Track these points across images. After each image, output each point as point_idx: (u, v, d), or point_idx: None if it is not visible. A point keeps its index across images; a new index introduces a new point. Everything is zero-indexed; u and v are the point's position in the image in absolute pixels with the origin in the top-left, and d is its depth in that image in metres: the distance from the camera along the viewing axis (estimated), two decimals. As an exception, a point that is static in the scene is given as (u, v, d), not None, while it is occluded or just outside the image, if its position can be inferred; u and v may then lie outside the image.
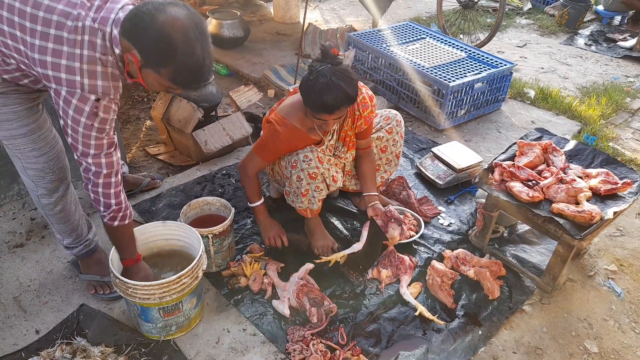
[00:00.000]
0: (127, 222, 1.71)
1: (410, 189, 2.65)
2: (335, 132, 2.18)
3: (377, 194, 2.34)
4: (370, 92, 2.18)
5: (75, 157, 1.57)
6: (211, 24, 4.26)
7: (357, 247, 2.21)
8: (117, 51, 1.46)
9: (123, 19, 1.41)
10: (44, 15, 1.39)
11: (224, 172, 2.83)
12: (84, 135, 1.50)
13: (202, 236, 1.93)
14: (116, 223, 1.68)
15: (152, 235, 1.96)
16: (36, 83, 1.62)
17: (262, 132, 2.35)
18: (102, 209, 1.65)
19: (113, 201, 1.64)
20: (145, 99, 3.60)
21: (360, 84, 2.11)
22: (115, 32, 1.43)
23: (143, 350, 1.80)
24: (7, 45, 1.46)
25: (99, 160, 1.56)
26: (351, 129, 2.20)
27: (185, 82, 1.50)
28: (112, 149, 1.59)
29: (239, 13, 4.36)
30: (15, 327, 1.90)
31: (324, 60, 1.88)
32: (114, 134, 1.59)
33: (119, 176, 1.64)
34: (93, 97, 1.45)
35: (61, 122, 1.51)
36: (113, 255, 1.78)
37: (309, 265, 2.11)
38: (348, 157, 2.30)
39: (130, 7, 1.44)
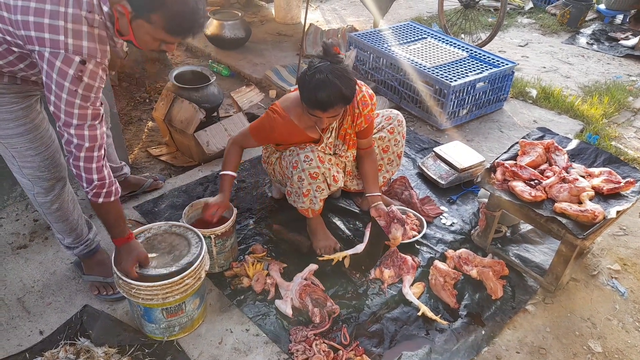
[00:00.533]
0: (112, 199, 1.63)
1: (412, 189, 2.65)
2: (334, 129, 2.18)
3: (379, 194, 2.34)
4: (370, 91, 2.18)
5: (57, 127, 1.49)
6: (212, 25, 4.27)
7: (360, 247, 2.21)
8: (105, 9, 1.40)
9: None
10: None
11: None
12: (67, 103, 1.42)
13: (204, 237, 1.93)
14: (100, 200, 1.60)
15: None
16: (32, 67, 1.56)
17: None
18: (84, 184, 1.57)
19: (95, 176, 1.56)
20: (147, 100, 3.61)
21: (360, 82, 2.11)
22: None
23: (146, 350, 1.81)
24: None
25: (82, 132, 1.48)
26: (351, 127, 2.20)
27: (179, 29, 1.43)
28: (97, 121, 1.50)
29: (240, 14, 4.36)
30: (19, 327, 1.90)
31: (325, 57, 1.88)
32: (101, 105, 1.52)
33: (103, 150, 1.56)
34: (78, 59, 1.38)
35: (45, 91, 1.43)
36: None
37: (313, 266, 2.11)
38: (349, 155, 2.30)
39: None
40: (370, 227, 2.24)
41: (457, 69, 3.43)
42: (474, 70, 3.41)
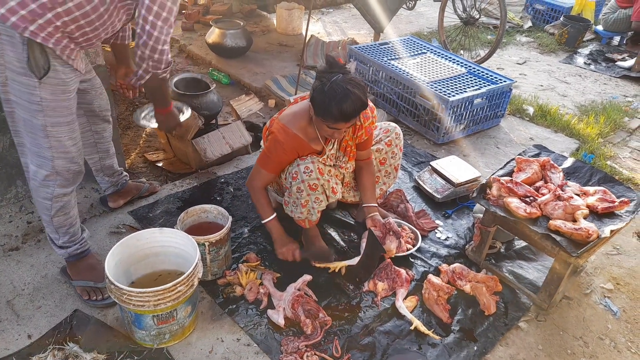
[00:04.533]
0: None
1: (408, 202, 2.65)
2: (336, 141, 2.19)
3: (376, 205, 2.35)
4: (371, 104, 2.19)
5: (149, 27, 1.68)
6: (214, 33, 4.29)
7: (357, 260, 2.21)
8: None
9: None
10: None
11: (222, 180, 2.83)
12: (168, 10, 1.67)
13: (198, 244, 1.93)
14: (169, 75, 1.90)
15: (148, 242, 1.95)
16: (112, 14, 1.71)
17: (262, 142, 2.36)
18: (163, 66, 1.83)
19: (170, 56, 1.86)
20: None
21: None
22: None
23: (136, 357, 1.79)
24: None
25: (169, 18, 1.70)
26: (352, 139, 2.21)
27: None
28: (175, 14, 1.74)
29: (242, 23, 4.39)
30: (7, 331, 1.88)
31: (332, 70, 1.89)
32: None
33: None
34: None
35: (143, 11, 1.64)
36: (109, 261, 1.77)
37: (307, 277, 2.10)
38: (349, 167, 2.30)
39: None
40: (366, 238, 2.24)
41: (456, 85, 3.45)
42: (472, 87, 3.44)
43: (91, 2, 1.59)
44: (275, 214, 2.22)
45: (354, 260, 2.20)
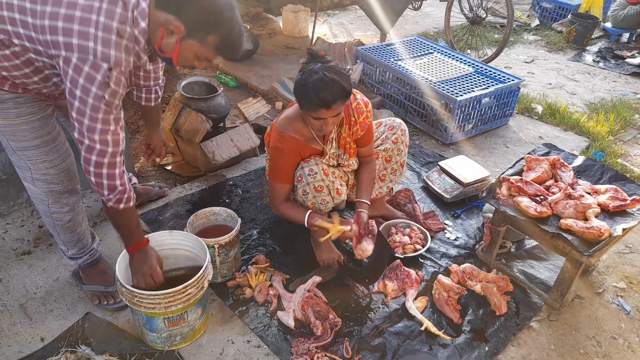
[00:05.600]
0: (131, 204, 1.64)
1: (416, 202, 2.64)
2: (334, 139, 2.18)
3: (368, 202, 2.25)
4: (365, 99, 2.18)
5: (76, 135, 1.49)
6: (221, 37, 4.31)
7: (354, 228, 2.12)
8: (142, 25, 1.45)
9: None
10: None
11: (231, 182, 2.84)
12: (92, 107, 1.43)
13: (208, 246, 1.94)
14: (122, 206, 1.60)
15: (158, 244, 1.96)
16: (46, 80, 1.58)
17: (265, 148, 2.34)
18: (106, 192, 1.56)
19: (118, 182, 1.56)
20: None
21: (355, 90, 2.12)
22: (144, 4, 1.43)
23: (147, 360, 1.80)
24: (14, 21, 1.40)
25: (106, 137, 1.49)
26: (349, 136, 2.19)
27: (229, 49, 1.55)
28: (119, 126, 1.53)
29: (248, 26, 4.42)
30: (21, 334, 1.90)
31: (313, 61, 1.90)
32: (121, 110, 1.54)
33: (123, 156, 1.58)
34: (105, 66, 1.40)
35: (69, 97, 1.44)
36: (119, 264, 1.78)
37: (317, 278, 2.10)
38: (351, 164, 2.26)
39: None
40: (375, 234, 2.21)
41: (463, 84, 3.44)
42: (480, 86, 3.42)
43: (19, 68, 1.52)
44: (310, 210, 2.10)
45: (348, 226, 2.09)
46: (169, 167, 2.98)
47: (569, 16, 5.67)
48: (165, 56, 1.55)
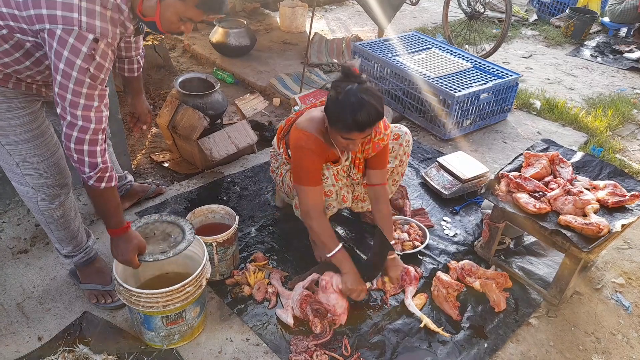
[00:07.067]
0: (113, 184, 1.60)
1: (408, 199, 2.63)
2: (349, 154, 2.15)
3: (393, 246, 2.15)
4: (387, 122, 2.13)
5: (60, 110, 1.46)
6: (218, 33, 4.29)
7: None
8: None
9: None
10: None
11: (228, 179, 2.83)
12: (76, 82, 1.40)
13: (206, 244, 1.93)
14: (103, 185, 1.56)
15: (156, 242, 1.95)
16: (38, 64, 1.55)
17: (273, 141, 2.31)
18: (87, 169, 1.52)
19: (99, 159, 1.52)
20: (151, 107, 3.61)
21: None
22: None
23: (145, 358, 1.79)
24: None
25: (88, 114, 1.45)
26: (360, 152, 2.16)
27: (211, 4, 1.51)
28: (103, 103, 1.49)
29: (245, 22, 4.38)
30: (18, 333, 1.89)
31: (348, 79, 1.84)
32: (107, 87, 1.51)
33: (105, 134, 1.55)
34: (91, 37, 1.37)
35: (53, 72, 1.41)
36: (117, 263, 1.76)
37: (316, 276, 2.09)
38: (358, 178, 2.26)
39: None
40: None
41: (461, 80, 3.43)
42: (478, 81, 3.41)
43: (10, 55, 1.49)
44: (341, 244, 1.99)
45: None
46: (166, 165, 2.97)
47: (567, 11, 5.65)
48: (148, 20, 1.53)
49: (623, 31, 5.74)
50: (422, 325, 1.96)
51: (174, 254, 1.73)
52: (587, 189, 2.15)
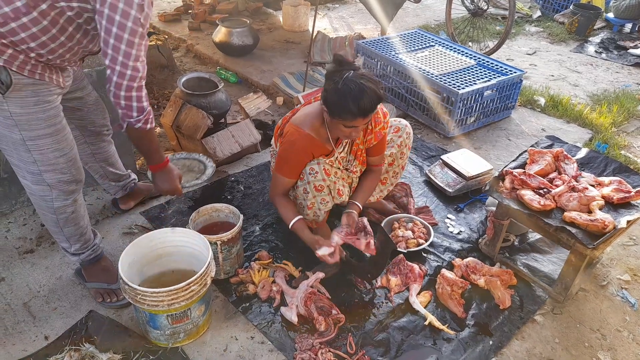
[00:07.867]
0: (154, 125, 1.77)
1: (412, 196, 2.63)
2: (347, 144, 2.16)
3: (360, 206, 2.22)
4: (385, 109, 2.15)
5: (108, 61, 1.54)
6: (221, 32, 4.29)
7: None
8: None
9: None
10: None
11: (232, 179, 2.83)
12: (130, 32, 1.50)
13: (210, 243, 1.93)
14: (149, 126, 1.72)
15: (161, 242, 1.96)
16: (86, 35, 1.61)
17: (272, 141, 2.34)
18: (135, 114, 1.65)
19: (145, 104, 1.67)
20: (155, 106, 3.62)
21: None
22: None
23: (151, 357, 1.80)
24: None
25: (137, 64, 1.57)
26: (362, 143, 2.17)
27: None
28: (145, 54, 1.61)
29: (248, 21, 4.39)
30: (25, 332, 1.90)
31: (342, 68, 1.85)
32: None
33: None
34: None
35: (104, 32, 1.49)
36: (122, 261, 1.78)
37: (320, 274, 2.09)
38: (358, 170, 2.27)
39: None
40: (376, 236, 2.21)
41: (465, 77, 3.42)
42: (482, 78, 3.40)
43: (46, 31, 1.52)
44: (300, 216, 2.11)
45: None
46: (170, 164, 2.97)
47: (571, 7, 5.63)
48: None
49: (628, 27, 5.70)
50: (426, 323, 1.96)
51: (207, 177, 2.34)
52: (592, 186, 2.14)
